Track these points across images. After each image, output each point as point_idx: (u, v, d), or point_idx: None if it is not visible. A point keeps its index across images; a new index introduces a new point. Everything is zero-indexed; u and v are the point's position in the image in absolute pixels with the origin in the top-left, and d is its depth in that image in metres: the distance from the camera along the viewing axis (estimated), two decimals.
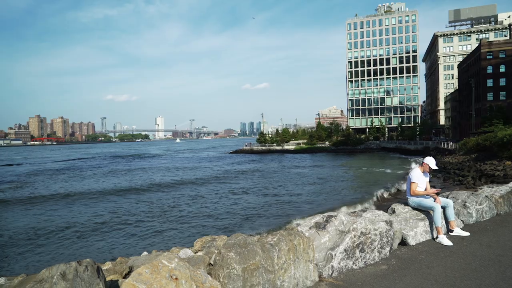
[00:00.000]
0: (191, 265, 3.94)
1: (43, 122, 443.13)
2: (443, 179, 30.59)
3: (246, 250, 3.99)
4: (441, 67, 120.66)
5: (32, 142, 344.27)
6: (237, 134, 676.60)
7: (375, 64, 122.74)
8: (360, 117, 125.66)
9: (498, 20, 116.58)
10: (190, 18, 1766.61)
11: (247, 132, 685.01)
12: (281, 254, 4.18)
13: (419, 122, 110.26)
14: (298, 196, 26.60)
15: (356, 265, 4.88)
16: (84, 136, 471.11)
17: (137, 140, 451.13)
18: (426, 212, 6.16)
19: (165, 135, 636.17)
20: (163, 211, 22.48)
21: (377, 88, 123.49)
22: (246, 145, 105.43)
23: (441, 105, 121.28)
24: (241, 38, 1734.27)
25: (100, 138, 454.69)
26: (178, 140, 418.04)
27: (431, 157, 6.56)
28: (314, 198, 25.76)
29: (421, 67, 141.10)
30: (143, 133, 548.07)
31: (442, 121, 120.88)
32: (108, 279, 4.23)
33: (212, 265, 4.12)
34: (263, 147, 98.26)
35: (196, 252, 6.18)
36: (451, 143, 54.37)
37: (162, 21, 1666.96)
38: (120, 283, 3.82)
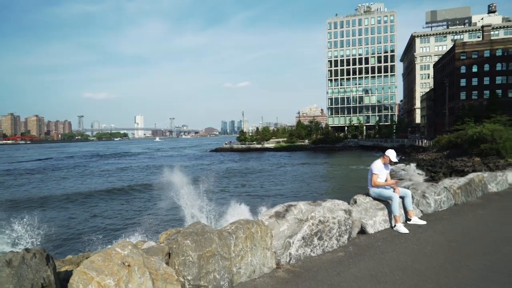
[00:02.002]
0: (149, 255, 3.97)
1: (17, 120, 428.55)
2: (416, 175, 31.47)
3: (203, 238, 4.04)
4: (417, 67, 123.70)
5: (4, 141, 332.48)
6: (218, 133, 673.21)
7: (354, 63, 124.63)
8: (339, 115, 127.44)
9: (472, 22, 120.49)
10: (172, 16, 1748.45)
11: (228, 130, 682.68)
12: (238, 242, 4.26)
13: (396, 120, 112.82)
14: (275, 196, 26.77)
15: (314, 253, 5.01)
16: (60, 135, 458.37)
17: (116, 139, 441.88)
18: (386, 202, 6.37)
19: (144, 134, 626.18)
20: (138, 209, 22.29)
21: (356, 87, 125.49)
22: (226, 144, 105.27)
23: (417, 104, 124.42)
24: (223, 37, 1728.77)
25: (77, 137, 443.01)
26: (157, 139, 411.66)
27: (392, 149, 6.78)
28: (292, 196, 25.99)
29: (399, 66, 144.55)
30: (122, 131, 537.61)
31: (418, 119, 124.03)
32: (63, 269, 4.22)
33: (170, 254, 4.16)
34: (243, 145, 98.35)
35: (160, 244, 6.19)
36: (425, 141, 55.99)
37: (143, 18, 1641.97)
38: (73, 272, 3.81)
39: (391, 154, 6.64)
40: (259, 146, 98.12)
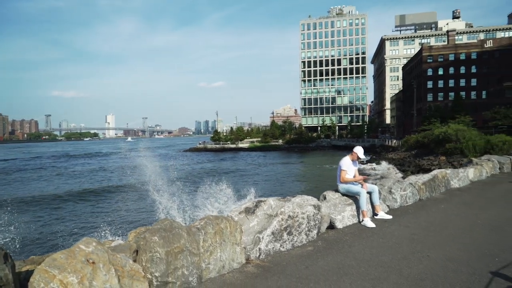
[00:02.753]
0: (116, 252, 3.89)
1: None
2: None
3: (171, 234, 4.00)
4: (387, 69, 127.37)
5: None
6: (192, 133, 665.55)
7: (327, 65, 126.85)
8: (313, 115, 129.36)
9: (438, 26, 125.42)
10: (145, 13, 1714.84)
11: (202, 130, 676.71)
12: (207, 237, 4.24)
13: (367, 121, 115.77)
14: (248, 195, 26.82)
15: (283, 247, 5.07)
16: (25, 135, 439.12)
17: (86, 139, 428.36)
18: (354, 197, 6.54)
19: (116, 134, 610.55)
20: (108, 210, 21.75)
21: (329, 87, 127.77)
22: (200, 144, 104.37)
23: (387, 105, 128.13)
24: (197, 36, 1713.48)
25: (44, 137, 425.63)
26: (129, 138, 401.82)
27: (360, 147, 6.96)
28: (266, 195, 26.12)
29: (370, 68, 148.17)
30: (92, 131, 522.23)
31: (388, 120, 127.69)
32: (24, 269, 4.08)
33: (138, 251, 4.09)
34: (217, 145, 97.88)
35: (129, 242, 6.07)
36: (394, 141, 57.76)
37: (115, 15, 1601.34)
38: (34, 270, 3.68)
39: (359, 151, 6.83)
40: (233, 146, 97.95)
